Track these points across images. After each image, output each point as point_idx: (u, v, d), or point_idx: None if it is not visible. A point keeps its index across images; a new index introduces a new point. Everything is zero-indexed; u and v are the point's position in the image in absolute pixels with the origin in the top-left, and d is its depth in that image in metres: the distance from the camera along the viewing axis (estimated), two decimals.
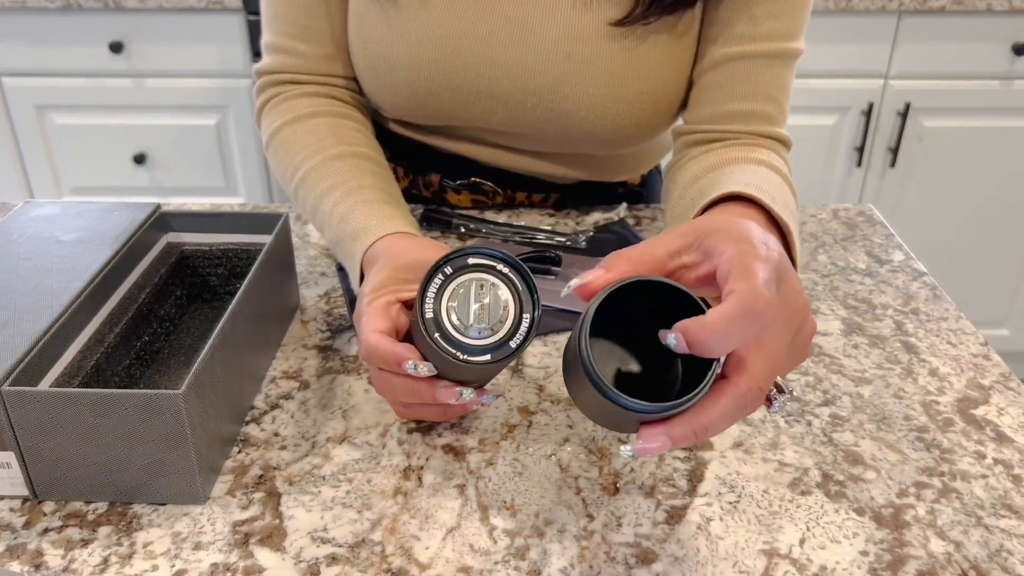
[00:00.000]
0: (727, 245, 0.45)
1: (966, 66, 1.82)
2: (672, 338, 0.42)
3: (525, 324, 0.51)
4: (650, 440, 0.43)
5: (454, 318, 0.51)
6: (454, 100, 0.80)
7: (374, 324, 0.56)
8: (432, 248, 0.63)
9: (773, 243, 0.46)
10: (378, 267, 0.62)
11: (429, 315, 0.51)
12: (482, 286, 0.52)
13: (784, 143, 0.76)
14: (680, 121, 0.81)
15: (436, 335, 0.51)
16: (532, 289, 0.52)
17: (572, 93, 0.77)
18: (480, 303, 0.51)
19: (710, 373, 0.43)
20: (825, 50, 1.78)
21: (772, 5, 0.72)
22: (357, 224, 0.68)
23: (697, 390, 0.43)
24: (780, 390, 0.46)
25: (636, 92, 0.77)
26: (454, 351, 0.51)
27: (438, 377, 0.54)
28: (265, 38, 0.83)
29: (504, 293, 0.52)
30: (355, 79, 0.84)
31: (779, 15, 0.73)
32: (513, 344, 0.51)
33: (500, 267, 0.52)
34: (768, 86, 0.74)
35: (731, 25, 0.73)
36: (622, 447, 0.45)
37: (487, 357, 0.51)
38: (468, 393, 0.54)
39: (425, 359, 0.53)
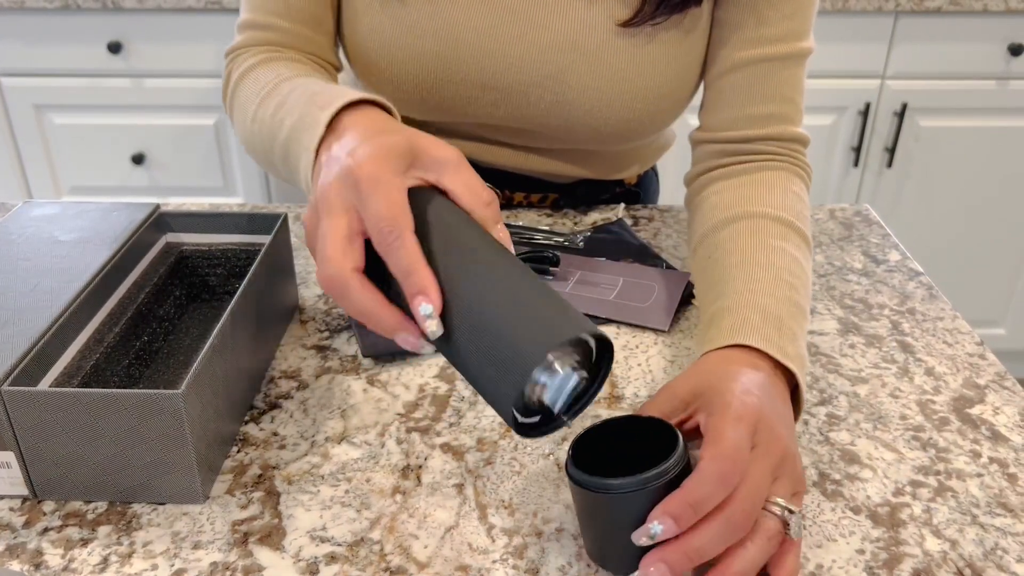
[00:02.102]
0: (708, 405, 0.51)
1: (962, 66, 1.83)
2: (656, 524, 0.45)
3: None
4: (646, 566, 0.46)
5: None
6: (457, 93, 0.80)
7: (350, 261, 0.47)
8: (439, 143, 0.52)
9: (754, 390, 0.51)
10: (379, 128, 0.52)
11: None
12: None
13: (802, 142, 0.77)
14: (696, 125, 0.81)
15: None
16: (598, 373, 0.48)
17: (577, 84, 0.77)
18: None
19: (678, 448, 0.47)
20: (822, 50, 1.78)
21: (783, 6, 0.73)
22: (334, 91, 0.58)
23: (669, 461, 0.47)
24: (790, 511, 0.48)
25: (641, 86, 0.77)
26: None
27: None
28: (242, 16, 0.80)
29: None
30: (339, 69, 0.83)
31: (790, 15, 0.73)
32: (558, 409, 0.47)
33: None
34: (784, 87, 0.75)
35: (742, 27, 0.74)
36: None
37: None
38: (427, 348, 0.48)
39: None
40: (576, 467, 0.48)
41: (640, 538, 0.46)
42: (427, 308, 0.45)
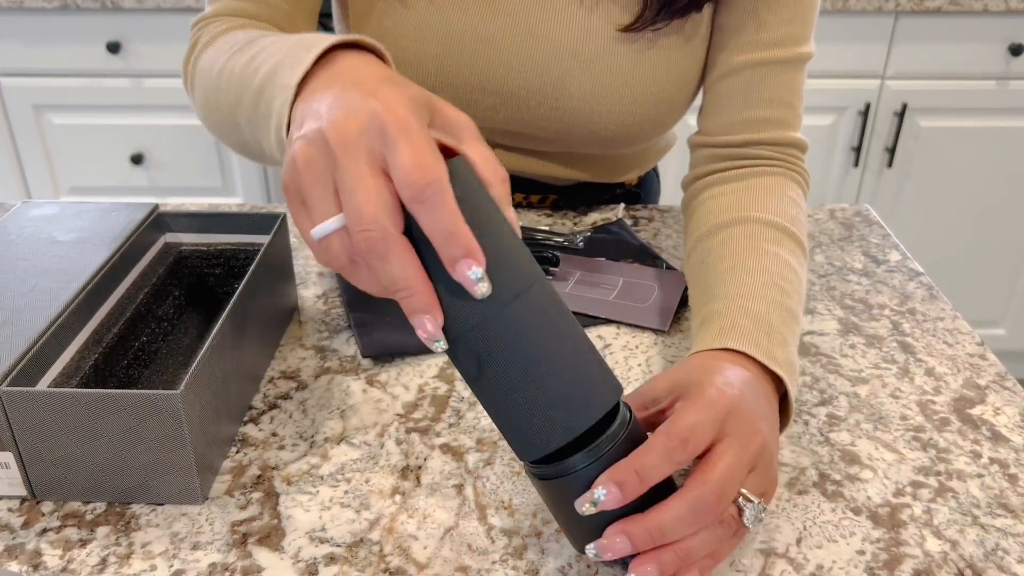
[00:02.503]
0: (686, 393, 0.51)
1: (962, 66, 1.83)
2: (600, 490, 0.45)
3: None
4: (610, 536, 0.46)
5: None
6: (457, 96, 0.80)
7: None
8: (453, 106, 0.47)
9: (737, 383, 0.51)
10: (389, 76, 0.46)
11: None
12: None
13: (800, 147, 0.76)
14: (696, 129, 0.81)
15: None
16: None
17: (577, 91, 0.77)
18: None
19: (617, 420, 0.46)
20: (822, 50, 1.77)
21: (782, 10, 0.72)
22: (323, 36, 0.51)
23: (608, 434, 0.46)
24: (748, 499, 0.48)
25: (641, 92, 0.77)
26: None
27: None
28: None
29: None
30: None
31: (790, 20, 0.73)
32: None
33: None
34: (782, 92, 0.74)
35: (741, 32, 0.74)
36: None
37: None
38: (441, 345, 0.43)
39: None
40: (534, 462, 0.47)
41: (583, 504, 0.45)
42: (477, 271, 0.40)
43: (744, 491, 0.48)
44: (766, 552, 0.52)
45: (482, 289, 0.40)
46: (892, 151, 1.89)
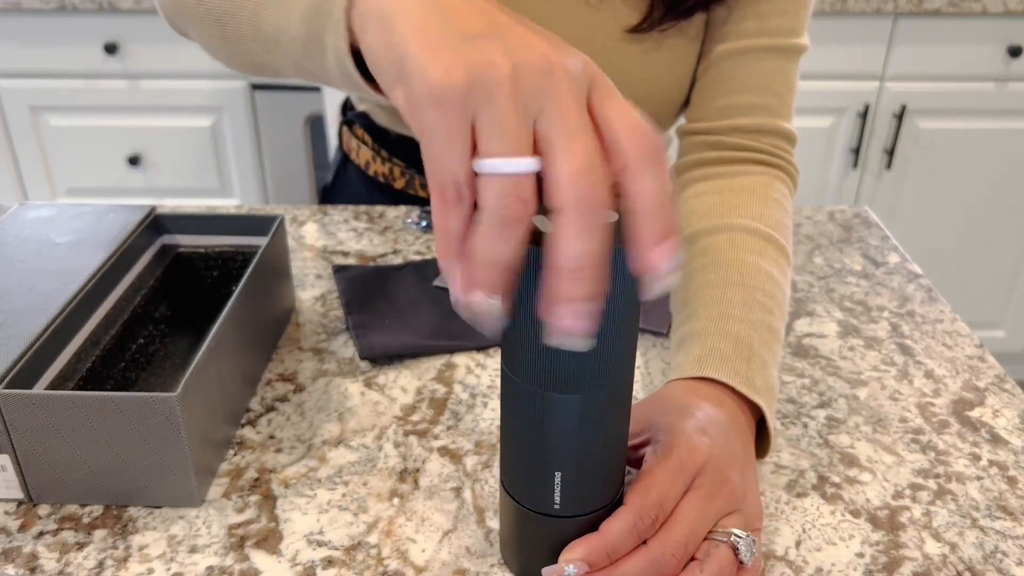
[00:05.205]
0: (656, 438, 0.50)
1: (961, 68, 1.83)
2: (571, 568, 0.45)
3: None
4: (570, 552, 0.46)
5: None
6: None
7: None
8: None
9: (710, 429, 0.51)
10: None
11: None
12: None
13: (788, 138, 0.75)
14: (683, 119, 0.80)
15: None
16: None
17: None
18: None
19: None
20: (821, 52, 1.78)
21: (778, 2, 0.72)
22: None
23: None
24: (737, 536, 0.48)
25: (646, 92, 0.76)
26: None
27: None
28: None
29: None
30: None
31: (782, 12, 0.72)
32: None
33: None
34: (769, 79, 0.73)
35: (734, 21, 0.73)
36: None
37: None
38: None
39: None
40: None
41: (551, 574, 0.46)
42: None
43: (734, 530, 0.48)
44: (765, 555, 0.52)
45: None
46: (891, 153, 1.89)
